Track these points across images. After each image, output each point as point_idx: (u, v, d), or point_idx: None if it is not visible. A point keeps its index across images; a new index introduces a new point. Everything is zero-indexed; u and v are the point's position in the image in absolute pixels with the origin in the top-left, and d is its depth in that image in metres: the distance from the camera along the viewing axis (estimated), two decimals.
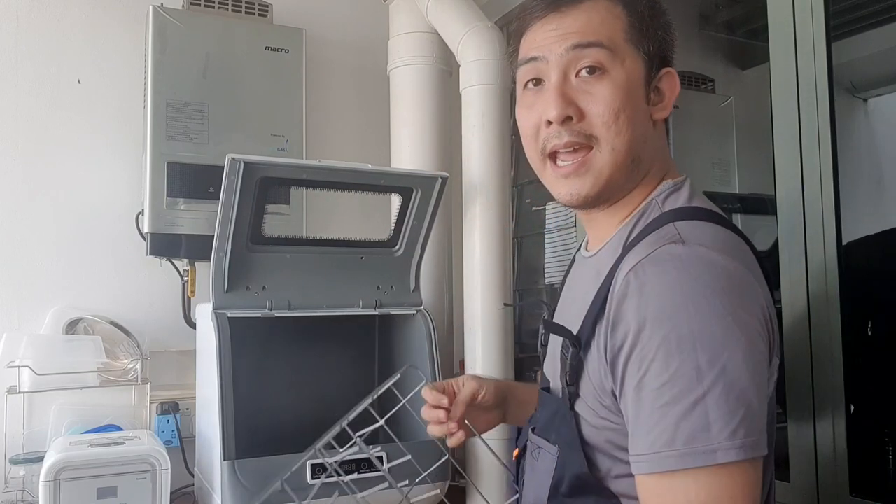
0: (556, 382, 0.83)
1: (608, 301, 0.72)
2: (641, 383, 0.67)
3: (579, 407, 0.77)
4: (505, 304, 1.37)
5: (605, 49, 0.77)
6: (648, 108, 0.79)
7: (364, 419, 1.55)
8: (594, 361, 0.74)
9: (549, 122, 0.78)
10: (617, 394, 0.71)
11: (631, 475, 0.71)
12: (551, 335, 0.89)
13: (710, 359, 0.65)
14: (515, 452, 0.95)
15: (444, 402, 1.01)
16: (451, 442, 1.02)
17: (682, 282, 0.68)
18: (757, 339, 0.68)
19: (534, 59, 0.80)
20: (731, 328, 0.66)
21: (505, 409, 1.08)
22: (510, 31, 1.98)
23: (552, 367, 0.87)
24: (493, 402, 1.04)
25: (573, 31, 0.77)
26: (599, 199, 0.81)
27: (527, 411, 1.01)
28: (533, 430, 0.87)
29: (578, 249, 0.95)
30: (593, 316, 0.74)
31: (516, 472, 0.95)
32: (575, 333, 0.77)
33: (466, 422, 1.02)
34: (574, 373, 0.76)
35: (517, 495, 0.94)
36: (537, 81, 0.81)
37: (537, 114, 0.80)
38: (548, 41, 0.79)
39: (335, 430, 1.08)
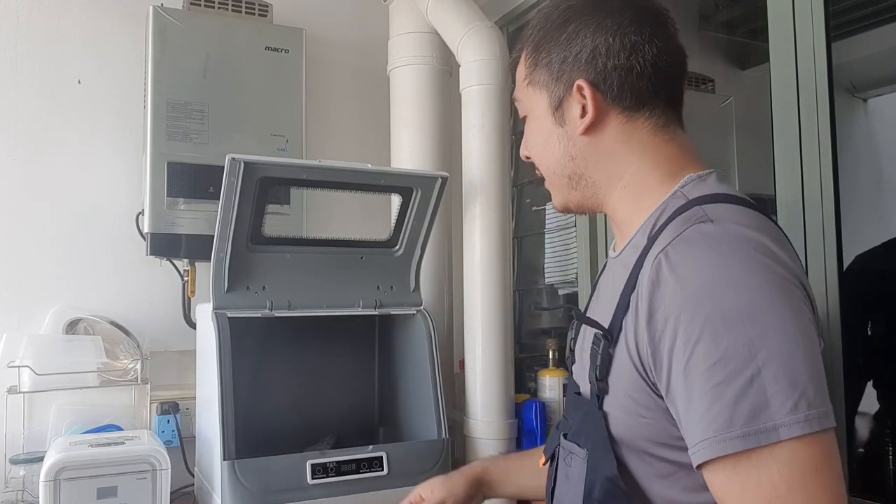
0: (585, 384, 0.83)
1: (636, 290, 0.72)
2: (689, 367, 0.65)
3: (609, 405, 0.76)
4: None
5: (519, 101, 0.90)
6: (564, 130, 0.84)
7: (364, 420, 1.55)
8: (623, 355, 0.74)
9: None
10: (662, 386, 0.69)
11: (676, 471, 0.71)
12: (580, 337, 0.90)
13: (761, 332, 0.63)
14: (542, 461, 0.95)
15: None
16: None
17: (718, 258, 0.67)
18: (804, 308, 0.67)
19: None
20: (777, 300, 0.65)
21: (487, 490, 1.11)
22: (510, 31, 1.99)
23: (581, 369, 0.87)
24: (463, 499, 1.07)
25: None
26: (576, 211, 0.90)
27: (521, 476, 1.09)
28: (565, 436, 0.86)
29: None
30: (623, 308, 0.74)
31: (548, 484, 0.94)
32: (606, 327, 0.77)
33: None
34: (605, 367, 0.76)
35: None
36: None
37: None
38: None
39: None
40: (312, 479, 1.24)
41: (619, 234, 0.87)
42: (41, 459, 1.30)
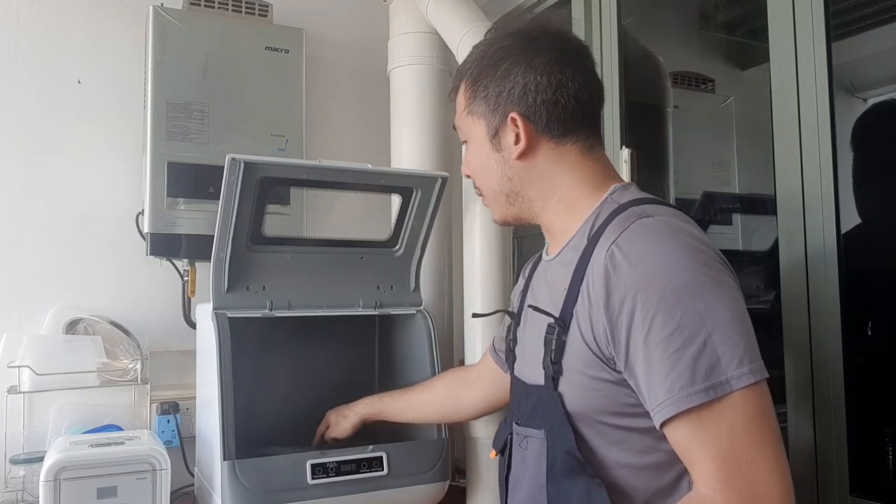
0: (535, 374, 0.92)
1: (585, 281, 0.83)
2: (648, 337, 0.76)
3: (563, 385, 0.86)
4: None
5: (460, 128, 1.03)
6: (501, 155, 0.96)
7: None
8: (576, 339, 0.84)
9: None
10: (620, 359, 0.80)
11: (627, 437, 0.82)
12: (522, 335, 1.02)
13: (706, 303, 0.75)
14: (493, 454, 1.06)
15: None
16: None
17: (663, 244, 0.79)
18: (731, 284, 0.79)
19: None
20: (713, 276, 0.77)
21: (379, 414, 1.41)
22: None
23: (527, 361, 0.97)
24: (346, 435, 1.41)
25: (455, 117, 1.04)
26: (515, 222, 1.02)
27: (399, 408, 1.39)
28: (518, 423, 0.96)
29: (537, 260, 1.09)
30: (572, 299, 0.85)
31: (501, 472, 1.03)
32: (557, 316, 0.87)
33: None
34: (559, 351, 0.86)
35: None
36: None
37: None
38: None
39: None
40: (312, 479, 1.24)
41: (554, 240, 0.98)
42: (41, 459, 1.30)
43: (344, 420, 1.41)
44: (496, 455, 1.05)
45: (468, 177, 1.05)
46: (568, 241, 0.93)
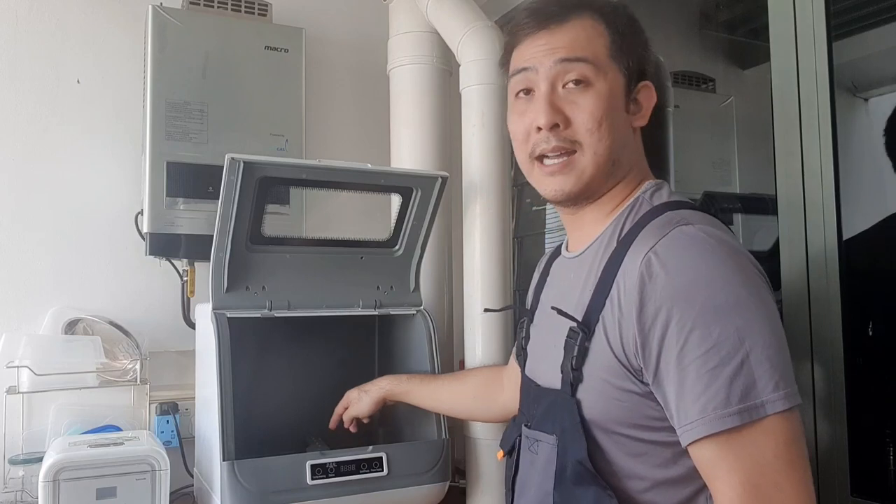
0: (550, 376, 0.88)
1: (616, 287, 0.79)
2: (683, 353, 0.73)
3: (583, 391, 0.83)
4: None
5: (590, 64, 0.86)
6: (628, 117, 0.89)
7: (364, 421, 1.54)
8: (601, 346, 0.80)
9: (539, 129, 0.87)
10: (648, 372, 0.76)
11: (648, 449, 0.78)
12: (541, 333, 0.98)
13: (746, 322, 0.72)
14: (500, 454, 1.02)
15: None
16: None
17: (704, 257, 0.75)
18: (771, 301, 0.75)
19: (525, 69, 0.89)
20: (754, 294, 0.74)
21: (403, 394, 1.37)
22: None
23: (541, 363, 0.93)
24: (368, 412, 1.39)
25: (561, 47, 0.87)
26: (581, 197, 0.89)
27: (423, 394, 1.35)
28: (528, 426, 0.92)
29: (556, 255, 1.02)
30: (598, 304, 0.81)
31: (508, 474, 1.00)
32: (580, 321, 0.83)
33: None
34: (581, 357, 0.82)
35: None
36: (528, 91, 0.90)
37: (528, 120, 0.89)
38: (538, 55, 0.88)
39: None
40: (312, 479, 1.24)
41: (579, 232, 0.93)
42: (40, 460, 1.30)
43: (366, 395, 1.37)
44: (503, 456, 1.01)
45: (556, 127, 0.86)
46: (594, 239, 0.89)
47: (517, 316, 1.80)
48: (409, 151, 1.74)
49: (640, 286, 0.76)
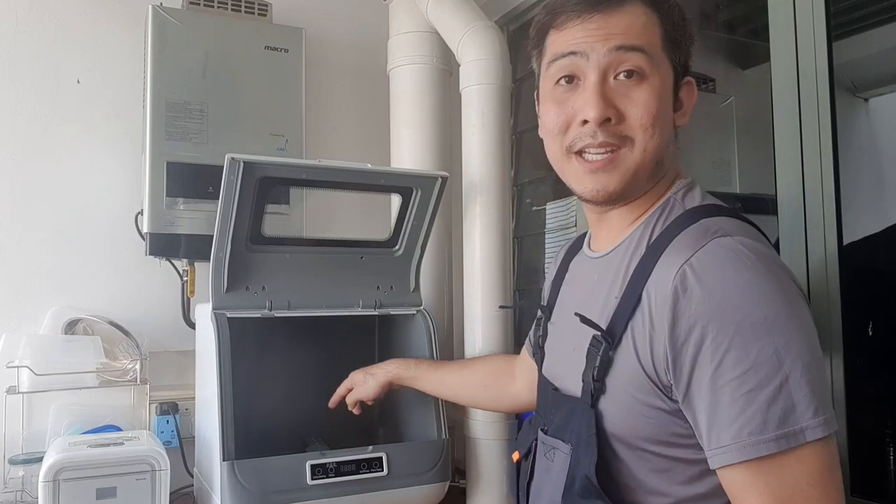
0: (569, 382, 0.84)
1: (647, 297, 0.74)
2: (718, 373, 0.68)
3: (605, 403, 0.78)
4: (501, 307, 1.37)
5: (646, 55, 0.79)
6: (673, 115, 0.83)
7: (364, 421, 1.55)
8: (628, 358, 0.76)
9: (585, 122, 0.80)
10: (679, 389, 0.72)
11: (672, 466, 0.75)
12: (562, 335, 0.91)
13: (785, 343, 0.67)
14: (515, 456, 0.96)
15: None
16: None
17: (742, 272, 0.70)
18: (810, 320, 0.71)
19: (572, 54, 0.80)
20: (794, 312, 0.69)
21: (411, 380, 1.35)
22: (510, 30, 1.98)
23: (563, 366, 0.88)
24: (373, 396, 1.36)
25: (617, 33, 0.79)
26: (621, 197, 0.83)
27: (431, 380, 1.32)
28: (545, 431, 0.88)
29: (576, 250, 0.97)
30: (626, 313, 0.76)
31: (517, 477, 0.96)
32: (605, 329, 0.78)
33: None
34: (604, 368, 0.78)
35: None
36: (570, 79, 0.82)
37: (570, 111, 0.82)
38: (590, 39, 0.79)
39: None
40: (312, 479, 1.24)
41: (605, 231, 0.88)
42: (40, 460, 1.30)
43: (372, 378, 1.35)
44: (519, 458, 0.96)
45: (607, 122, 0.79)
46: (622, 241, 0.84)
47: (517, 314, 1.80)
48: (409, 151, 1.74)
49: (674, 301, 0.71)
